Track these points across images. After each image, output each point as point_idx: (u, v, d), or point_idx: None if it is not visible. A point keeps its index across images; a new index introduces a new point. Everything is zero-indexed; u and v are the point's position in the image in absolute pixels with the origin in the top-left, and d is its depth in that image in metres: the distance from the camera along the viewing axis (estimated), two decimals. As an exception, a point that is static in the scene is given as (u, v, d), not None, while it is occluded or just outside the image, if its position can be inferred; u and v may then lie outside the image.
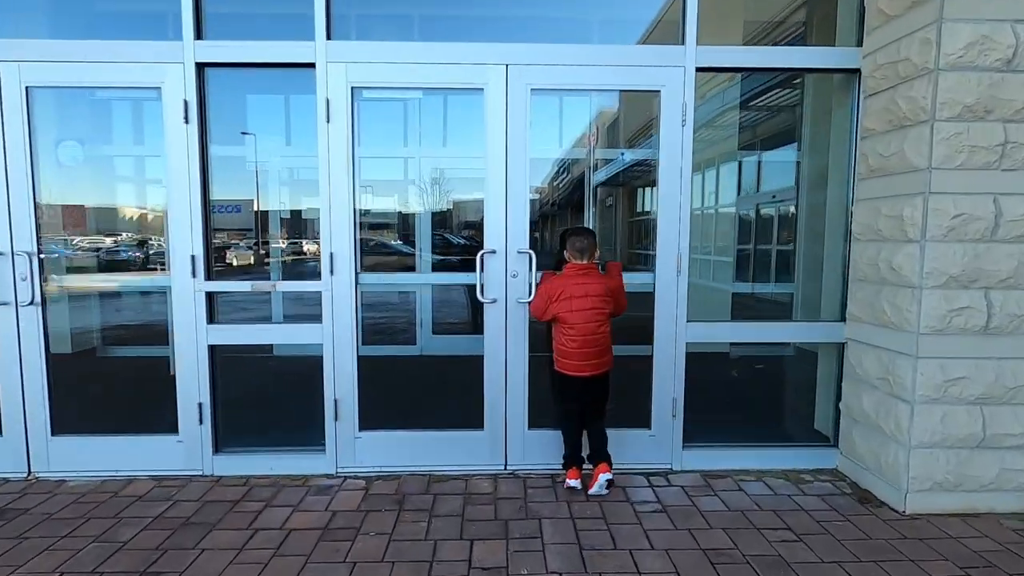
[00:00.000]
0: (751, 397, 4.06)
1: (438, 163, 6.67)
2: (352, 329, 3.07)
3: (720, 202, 6.30)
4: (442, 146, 6.97)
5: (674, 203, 3.05)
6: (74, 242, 4.48)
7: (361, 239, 3.11)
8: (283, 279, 3.14)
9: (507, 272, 3.05)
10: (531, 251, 3.03)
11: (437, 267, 6.92)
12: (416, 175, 6.45)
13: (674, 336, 3.12)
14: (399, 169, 6.91)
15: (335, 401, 3.11)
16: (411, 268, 6.54)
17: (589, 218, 7.33)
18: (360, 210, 3.10)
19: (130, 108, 3.76)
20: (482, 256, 3.02)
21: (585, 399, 2.89)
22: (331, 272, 3.02)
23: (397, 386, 4.59)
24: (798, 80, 5.10)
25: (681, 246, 3.07)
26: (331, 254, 3.02)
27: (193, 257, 2.98)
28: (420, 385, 4.74)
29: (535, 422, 3.17)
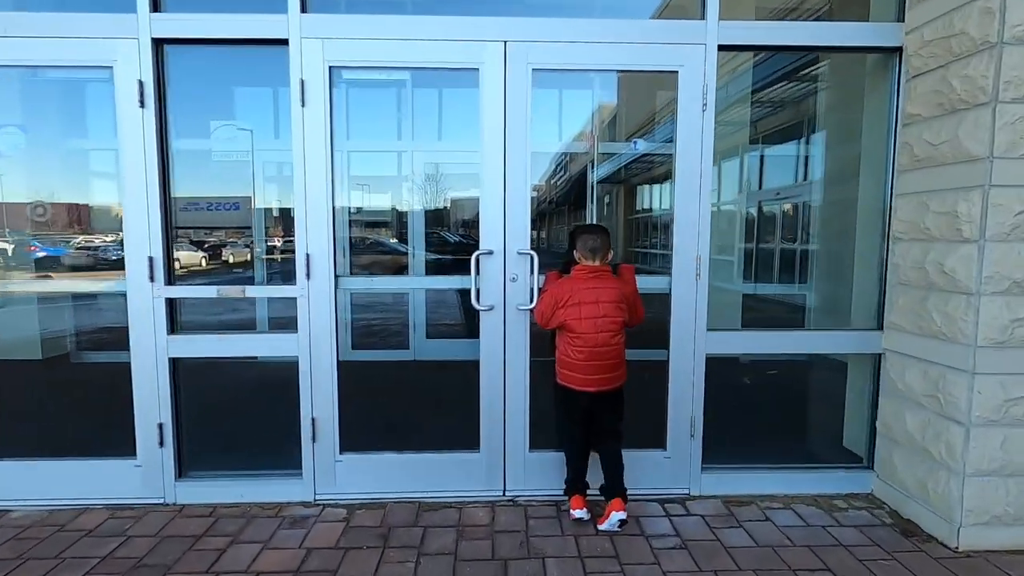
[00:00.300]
0: (769, 408, 3.73)
1: (432, 158, 6.32)
2: (331, 339, 2.73)
3: (723, 199, 5.97)
4: (437, 139, 6.63)
5: (692, 199, 2.72)
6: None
7: (353, 238, 2.79)
8: (270, 280, 2.79)
9: (506, 275, 2.72)
10: (532, 252, 2.69)
11: (432, 268, 6.59)
12: (409, 170, 6.10)
13: (692, 347, 2.79)
14: (390, 164, 6.57)
15: (312, 420, 2.77)
16: (407, 268, 6.22)
17: (591, 217, 7.01)
18: (348, 207, 2.81)
19: (89, 93, 3.41)
20: (477, 257, 2.68)
21: (592, 418, 2.56)
22: (307, 275, 2.68)
23: (385, 398, 4.26)
24: (818, 66, 4.78)
25: (701, 248, 2.74)
26: (307, 255, 2.68)
27: (151, 259, 2.64)
28: (410, 397, 4.40)
29: (537, 442, 2.84)
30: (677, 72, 2.68)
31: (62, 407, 3.63)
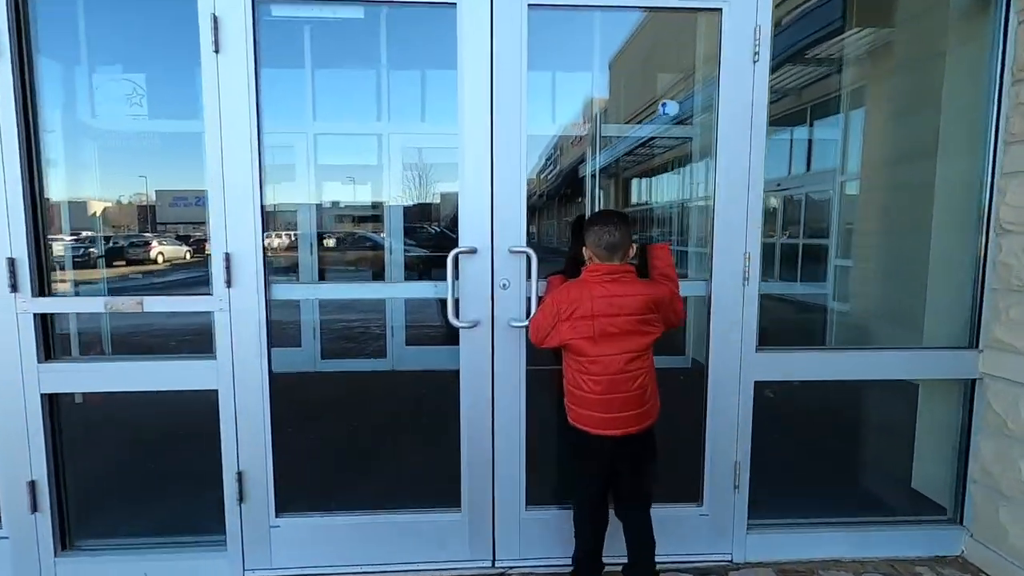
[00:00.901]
0: (812, 439, 3.11)
1: (413, 142, 5.62)
2: (262, 365, 2.05)
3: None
4: (419, 120, 5.92)
5: (739, 182, 2.07)
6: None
7: (328, 233, 2.11)
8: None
9: (494, 281, 2.05)
10: (529, 250, 2.02)
11: (417, 267, 5.89)
12: (385, 157, 5.40)
13: (738, 371, 2.14)
14: (365, 150, 5.86)
15: (239, 475, 2.09)
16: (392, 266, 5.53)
17: (587, 209, 6.35)
18: (319, 200, 2.10)
19: None
20: (455, 258, 2.00)
21: (614, 471, 1.90)
22: (227, 283, 2.00)
23: (343, 431, 3.57)
24: (858, 33, 4.13)
25: (750, 244, 2.09)
26: (226, 256, 1.99)
27: (11, 261, 1.94)
28: (376, 427, 3.71)
29: (536, 495, 2.19)
30: (720, 10, 2.03)
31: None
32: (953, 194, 2.37)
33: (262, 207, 2.00)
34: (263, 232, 2.00)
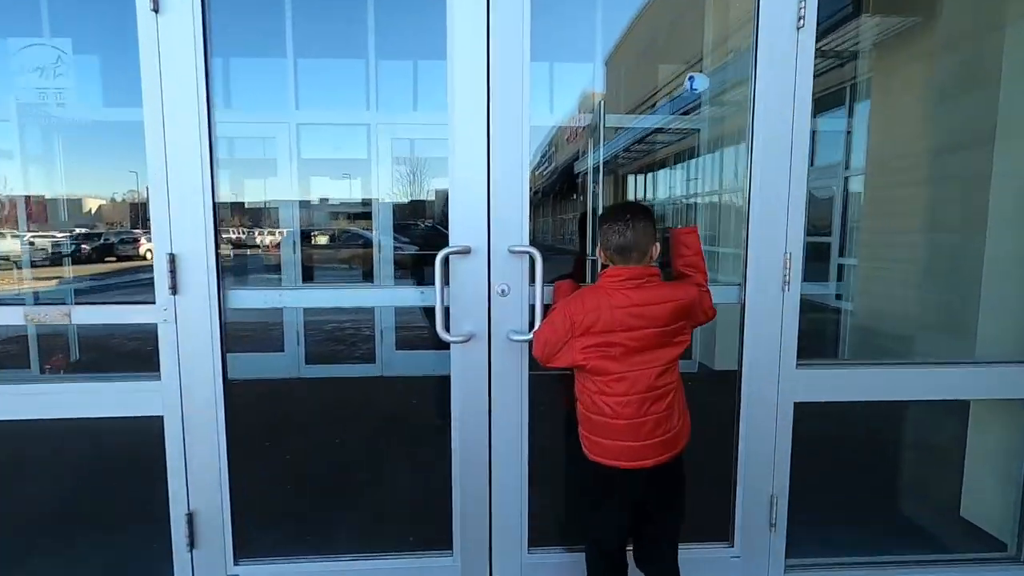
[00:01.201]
0: (842, 458, 2.81)
1: (404, 132, 5.28)
2: (215, 387, 1.73)
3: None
4: (411, 110, 5.57)
5: (779, 168, 1.76)
6: None
7: (319, 230, 1.80)
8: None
9: (490, 286, 1.74)
10: (533, 250, 1.71)
11: (406, 265, 5.56)
12: (374, 150, 5.06)
13: (775, 392, 1.84)
14: (352, 141, 5.51)
15: (188, 516, 1.76)
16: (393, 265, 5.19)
17: (591, 207, 6.04)
18: (305, 196, 1.79)
19: None
20: (445, 259, 1.68)
21: (640, 512, 1.59)
22: (172, 288, 1.67)
23: (319, 452, 3.24)
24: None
25: (792, 242, 1.78)
26: (171, 257, 1.66)
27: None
28: (357, 447, 3.39)
29: (539, 534, 1.88)
30: (759, -33, 1.72)
31: None
32: (1014, 185, 2.07)
33: (214, 200, 1.67)
34: (216, 229, 1.68)
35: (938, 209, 2.66)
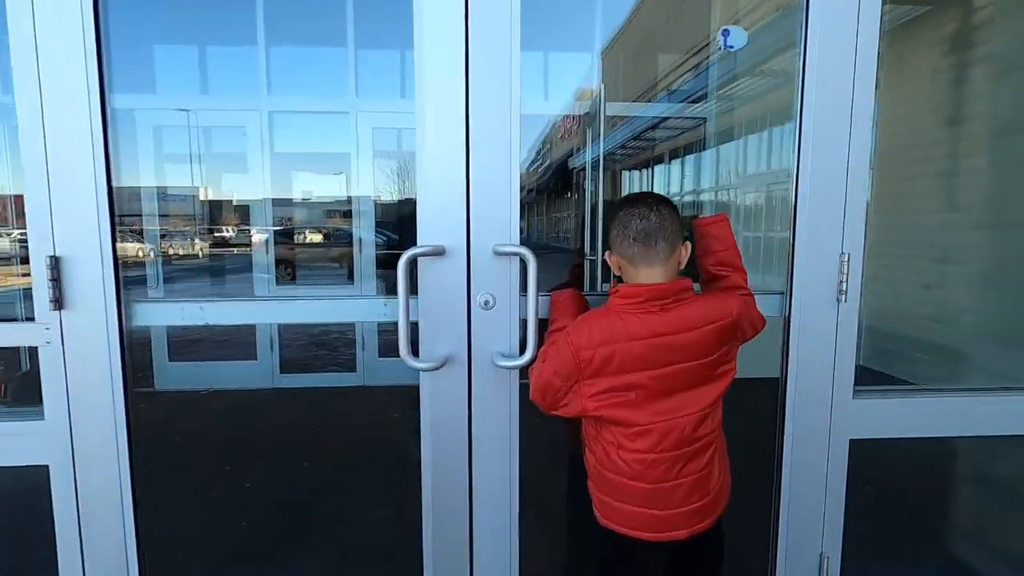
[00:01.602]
0: (897, 499, 2.45)
1: (388, 122, 4.88)
2: (116, 424, 1.34)
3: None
4: (399, 97, 5.15)
5: (837, 146, 1.40)
6: None
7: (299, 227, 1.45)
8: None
9: (470, 296, 1.36)
10: (525, 251, 1.32)
11: (389, 263, 5.17)
12: (353, 141, 4.67)
13: (827, 426, 1.48)
14: (329, 132, 5.12)
15: (83, 593, 1.38)
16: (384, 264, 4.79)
17: (586, 205, 5.68)
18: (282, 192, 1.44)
19: None
20: (411, 262, 1.30)
21: None
22: (55, 302, 1.28)
23: (287, 473, 2.87)
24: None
25: (850, 242, 1.42)
26: (53, 261, 1.27)
27: None
28: (333, 465, 3.01)
29: (533, 604, 1.51)
30: None
31: None
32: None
33: (110, 188, 1.28)
34: (113, 225, 1.29)
35: (955, 201, 2.34)
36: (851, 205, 1.41)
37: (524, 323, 1.33)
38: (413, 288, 1.35)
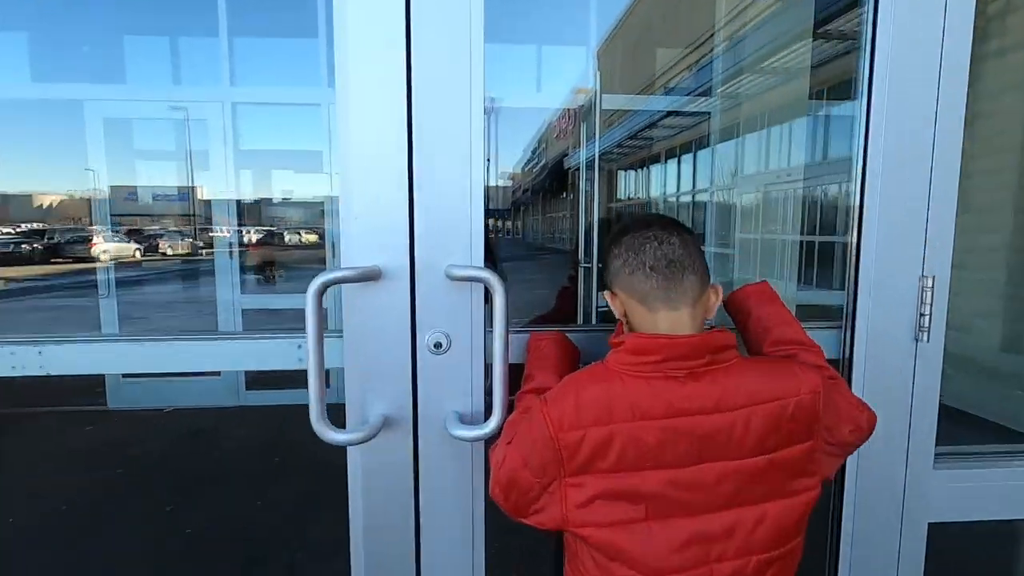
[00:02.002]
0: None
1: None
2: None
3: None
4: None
5: (917, 151, 1.03)
6: None
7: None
8: None
9: (416, 336, 0.98)
10: (488, 274, 0.94)
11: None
12: (325, 137, 4.28)
13: (898, 507, 1.11)
14: (302, 127, 4.72)
15: None
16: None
17: (582, 206, 5.31)
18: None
19: None
20: (321, 290, 0.91)
21: None
22: None
23: (238, 513, 2.47)
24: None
25: (934, 262, 1.05)
26: None
27: None
28: (294, 504, 2.62)
29: None
30: None
31: None
32: None
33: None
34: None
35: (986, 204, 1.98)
36: (936, 220, 1.04)
37: (490, 369, 0.95)
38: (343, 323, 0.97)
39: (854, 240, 1.05)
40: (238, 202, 4.26)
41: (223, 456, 3.30)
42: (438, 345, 0.98)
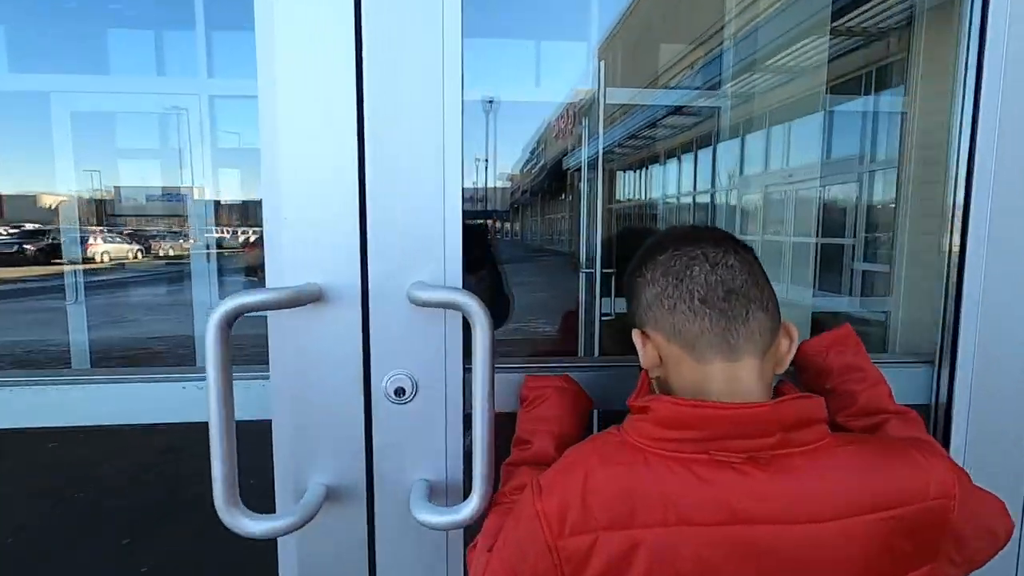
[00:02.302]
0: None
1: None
2: None
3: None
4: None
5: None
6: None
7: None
8: None
9: (370, 379, 0.71)
10: (468, 298, 0.67)
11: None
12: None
13: (1008, 599, 0.84)
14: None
15: None
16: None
17: (583, 207, 5.06)
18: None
19: None
20: (231, 319, 0.65)
21: None
22: None
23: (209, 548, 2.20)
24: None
25: (1070, 270, 0.79)
26: None
27: None
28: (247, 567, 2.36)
29: None
30: None
31: None
32: None
33: None
34: None
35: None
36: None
37: (470, 420, 0.69)
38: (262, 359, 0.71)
39: (955, 250, 0.79)
40: (216, 203, 4.00)
41: (193, 480, 3.04)
42: (400, 392, 0.72)
